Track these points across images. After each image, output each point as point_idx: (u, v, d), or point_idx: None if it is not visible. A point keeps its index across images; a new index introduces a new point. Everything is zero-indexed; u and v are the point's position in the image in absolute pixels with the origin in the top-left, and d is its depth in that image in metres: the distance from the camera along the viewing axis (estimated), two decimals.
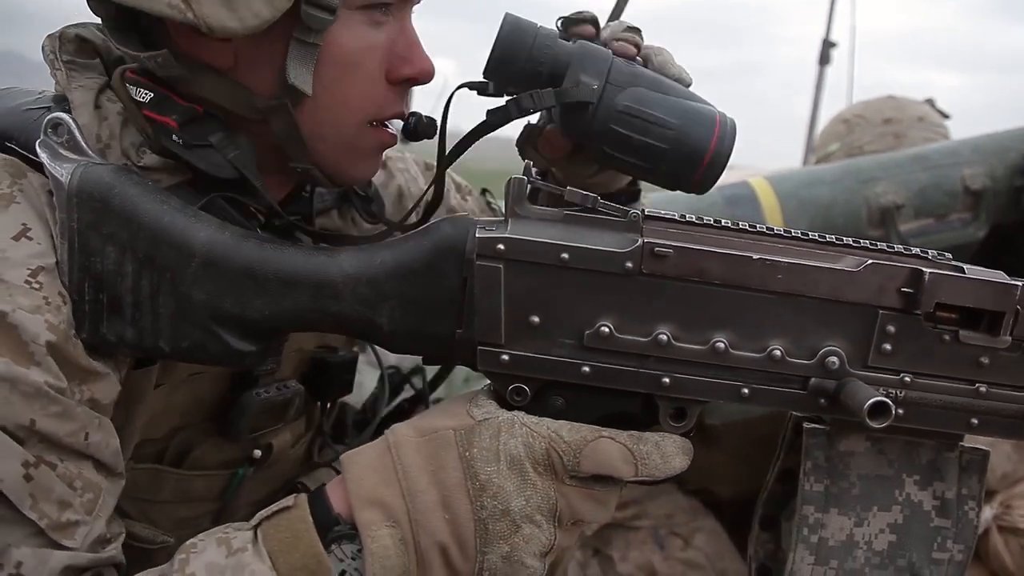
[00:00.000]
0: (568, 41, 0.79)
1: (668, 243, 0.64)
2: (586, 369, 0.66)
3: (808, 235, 0.66)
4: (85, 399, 0.66)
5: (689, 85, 0.80)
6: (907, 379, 0.66)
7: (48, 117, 0.68)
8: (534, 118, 0.85)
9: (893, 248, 0.67)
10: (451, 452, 0.63)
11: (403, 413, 1.15)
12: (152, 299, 0.66)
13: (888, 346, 0.65)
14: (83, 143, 0.69)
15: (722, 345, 0.65)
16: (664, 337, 0.65)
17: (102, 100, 0.74)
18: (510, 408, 0.66)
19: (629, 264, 0.64)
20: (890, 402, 0.60)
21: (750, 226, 0.66)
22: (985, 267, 0.68)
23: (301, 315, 0.66)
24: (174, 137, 0.72)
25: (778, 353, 0.65)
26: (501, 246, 0.64)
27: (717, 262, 0.64)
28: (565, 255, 0.64)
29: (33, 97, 0.77)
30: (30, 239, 0.66)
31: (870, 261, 0.65)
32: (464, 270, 0.65)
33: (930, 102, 2.04)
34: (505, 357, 0.66)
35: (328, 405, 1.04)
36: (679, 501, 1.78)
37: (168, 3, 0.66)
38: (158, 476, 0.85)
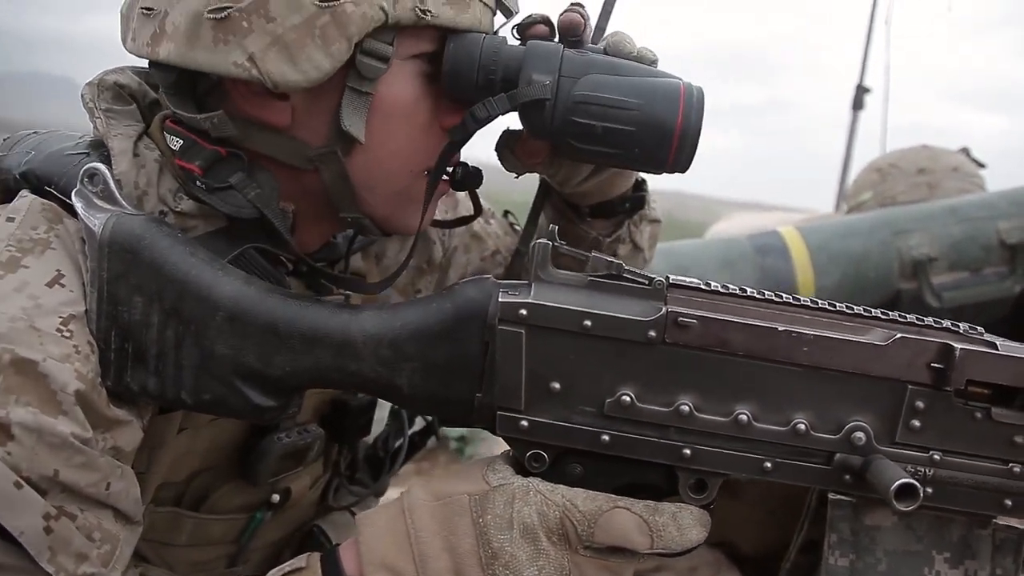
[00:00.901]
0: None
1: (692, 313, 0.63)
2: (606, 438, 0.65)
3: (835, 306, 0.66)
4: (108, 447, 0.66)
5: (655, 62, 0.78)
6: (936, 457, 0.64)
7: (85, 167, 0.70)
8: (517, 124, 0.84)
9: (923, 321, 0.66)
10: (465, 518, 0.63)
11: (413, 446, 1.15)
12: (176, 350, 0.67)
13: (917, 422, 0.64)
14: (117, 193, 0.70)
15: (745, 417, 0.64)
16: (686, 408, 0.64)
17: (140, 147, 0.75)
18: (527, 474, 0.66)
19: (652, 333, 0.63)
20: (918, 484, 0.58)
21: (776, 296, 0.65)
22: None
23: (322, 373, 0.67)
24: (198, 182, 0.74)
25: (802, 427, 0.64)
26: (523, 311, 0.64)
27: (741, 333, 0.63)
28: (588, 322, 0.63)
29: (73, 142, 0.78)
30: (63, 286, 0.67)
31: (899, 335, 0.63)
32: (486, 334, 0.65)
33: (965, 151, 2.01)
34: (524, 423, 0.65)
35: (346, 448, 1.04)
36: (703, 554, 1.74)
37: (234, 62, 0.68)
38: (177, 519, 0.85)
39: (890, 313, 0.66)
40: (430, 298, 0.67)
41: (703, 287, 0.65)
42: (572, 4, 0.77)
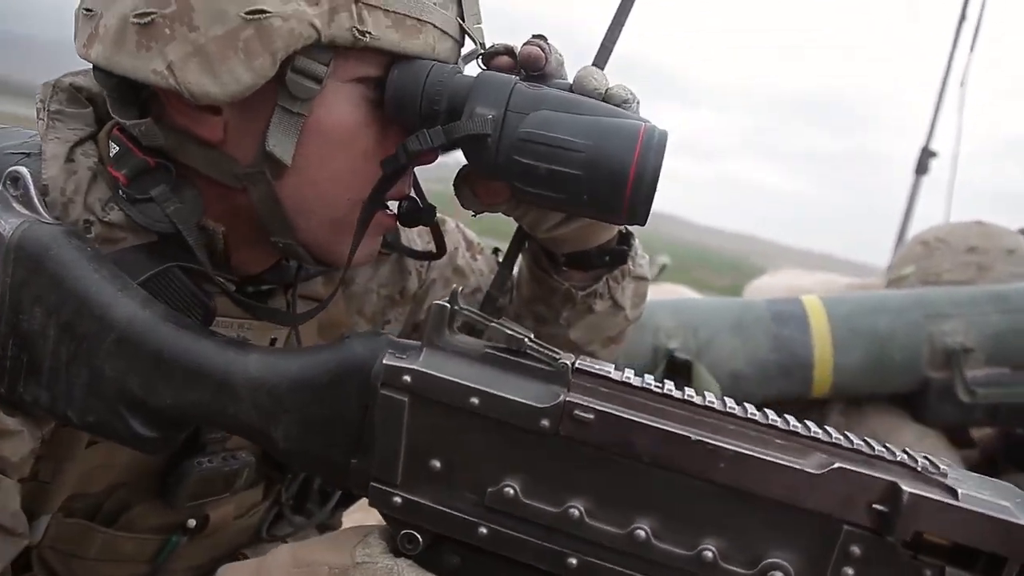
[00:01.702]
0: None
1: (592, 405, 0.55)
2: (483, 531, 0.57)
3: (769, 418, 0.56)
4: None
5: (627, 103, 0.69)
6: None
7: (8, 170, 0.68)
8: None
9: (875, 450, 0.56)
10: None
11: None
12: (68, 367, 0.63)
13: (850, 570, 0.54)
14: (36, 200, 0.68)
15: (643, 533, 0.55)
16: (576, 512, 0.55)
17: (76, 153, 0.73)
18: (398, 555, 0.59)
19: (545, 422, 0.55)
20: None
21: (699, 398, 0.56)
22: None
23: (203, 411, 0.62)
24: (120, 192, 0.71)
25: (710, 555, 0.54)
26: (408, 378, 0.57)
27: (647, 436, 0.54)
28: (475, 400, 0.56)
29: (20, 141, 0.76)
30: None
31: (838, 464, 0.54)
32: (367, 396, 0.58)
33: None
34: (398, 499, 0.58)
35: (290, 476, 0.99)
36: None
37: (153, 70, 0.65)
38: (87, 532, 0.82)
39: (835, 434, 0.56)
40: (318, 348, 0.62)
41: (612, 376, 0.56)
42: (533, 37, 0.71)
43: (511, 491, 0.56)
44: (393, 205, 0.80)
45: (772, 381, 1.51)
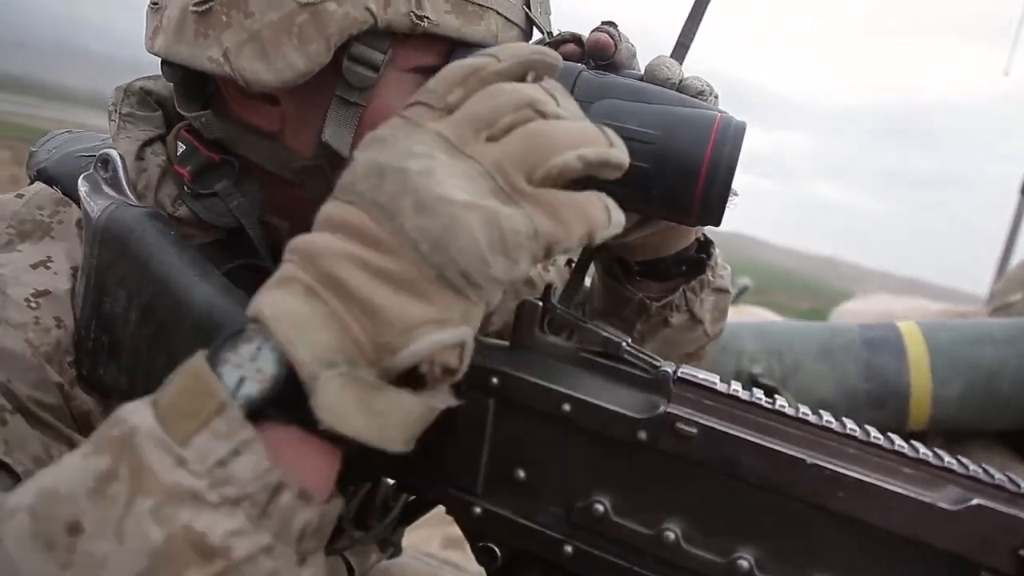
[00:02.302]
0: None
1: (696, 419, 0.50)
2: (568, 549, 0.52)
3: (895, 442, 0.50)
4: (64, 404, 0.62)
5: (702, 93, 0.64)
6: None
7: (100, 152, 0.69)
8: None
9: (1021, 487, 0.49)
10: None
11: None
12: (147, 351, 0.62)
13: None
14: (124, 183, 0.68)
15: (745, 564, 0.50)
16: (672, 535, 0.50)
17: (145, 152, 0.73)
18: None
19: (643, 435, 0.50)
20: None
21: (815, 416, 0.51)
22: None
23: None
24: (185, 188, 0.70)
25: None
26: (495, 379, 0.53)
27: (756, 457, 0.49)
28: (567, 407, 0.52)
29: (91, 143, 0.77)
30: (47, 268, 0.65)
31: (976, 501, 0.47)
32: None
33: None
34: (478, 509, 0.54)
35: (351, 487, 0.96)
36: None
37: (209, 57, 0.64)
38: None
39: (972, 466, 0.50)
40: None
41: (718, 388, 0.51)
42: (602, 23, 0.67)
43: (601, 508, 0.51)
44: None
45: (863, 411, 1.42)
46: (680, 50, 0.70)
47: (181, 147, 0.72)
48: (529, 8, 0.70)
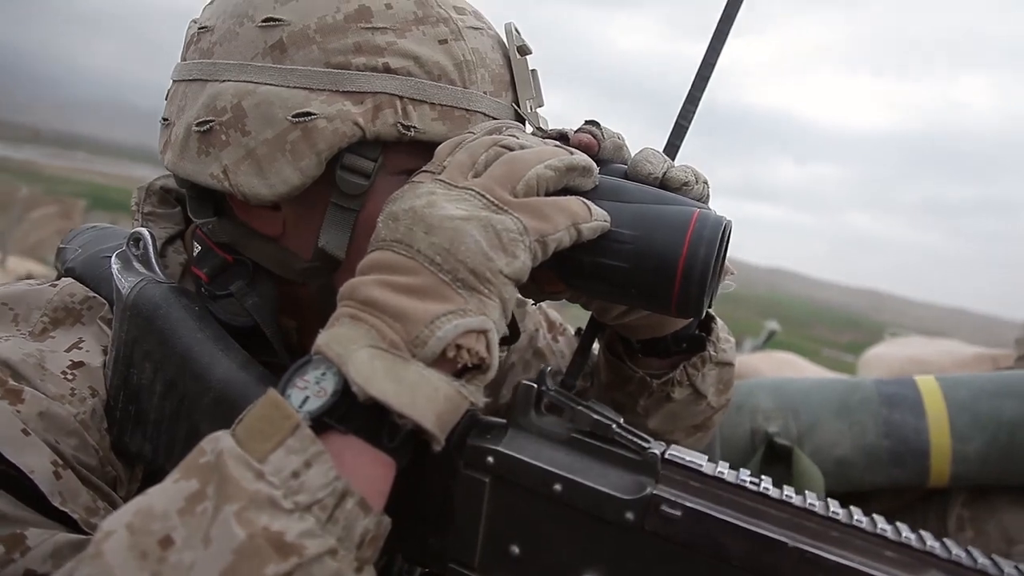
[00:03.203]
0: None
1: (681, 501, 0.52)
2: None
3: (878, 525, 0.52)
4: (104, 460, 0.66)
5: (686, 186, 0.65)
6: None
7: (132, 231, 0.73)
8: None
9: (1004, 571, 0.50)
10: None
11: None
12: (170, 421, 0.66)
13: None
14: (154, 260, 0.72)
15: None
16: None
17: (168, 250, 0.77)
18: None
19: (630, 515, 0.53)
20: None
21: (799, 498, 0.53)
22: None
23: None
24: (203, 289, 0.73)
25: None
26: (491, 459, 0.56)
27: (739, 539, 0.51)
28: (558, 486, 0.54)
29: (117, 242, 0.80)
30: (79, 348, 0.69)
31: None
32: (449, 474, 0.57)
33: None
34: None
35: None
36: None
37: (211, 174, 0.68)
38: None
39: (955, 549, 0.51)
40: None
41: (704, 470, 0.53)
42: (585, 123, 0.69)
43: None
44: None
45: (883, 469, 1.40)
46: (679, 131, 0.72)
47: (197, 247, 0.75)
48: (518, 106, 0.73)
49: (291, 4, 0.68)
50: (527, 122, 0.73)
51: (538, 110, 0.76)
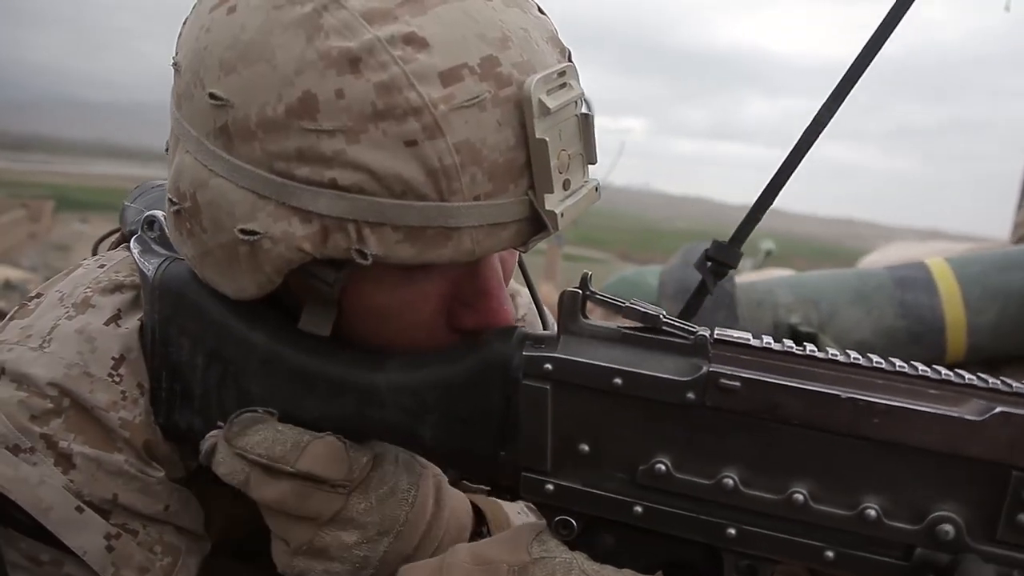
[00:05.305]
0: None
1: (737, 373, 0.55)
2: (639, 509, 0.58)
3: (918, 369, 0.55)
4: (162, 478, 0.68)
5: None
6: None
7: (145, 215, 0.74)
8: None
9: None
10: None
11: None
12: (218, 390, 0.68)
13: None
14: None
15: (801, 497, 0.55)
16: (730, 481, 0.56)
17: None
18: (574, 548, 0.60)
19: (691, 395, 0.56)
20: None
21: (844, 356, 0.56)
22: None
23: (348, 420, 0.65)
24: None
25: (873, 513, 0.54)
26: (549, 366, 0.58)
27: (796, 399, 0.54)
28: (618, 380, 0.57)
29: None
30: (118, 325, 0.69)
31: (999, 409, 0.52)
32: (509, 389, 0.60)
33: None
34: (550, 487, 0.60)
35: None
36: None
37: (186, 255, 0.66)
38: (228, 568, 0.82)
39: (990, 380, 0.54)
40: (455, 348, 0.64)
41: (753, 343, 0.57)
42: None
43: (663, 467, 0.57)
44: None
45: (902, 348, 1.45)
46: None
47: None
48: (534, 191, 0.57)
49: (233, 78, 0.56)
50: (546, 219, 0.57)
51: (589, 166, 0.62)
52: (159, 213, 0.73)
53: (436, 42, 0.54)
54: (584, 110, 0.61)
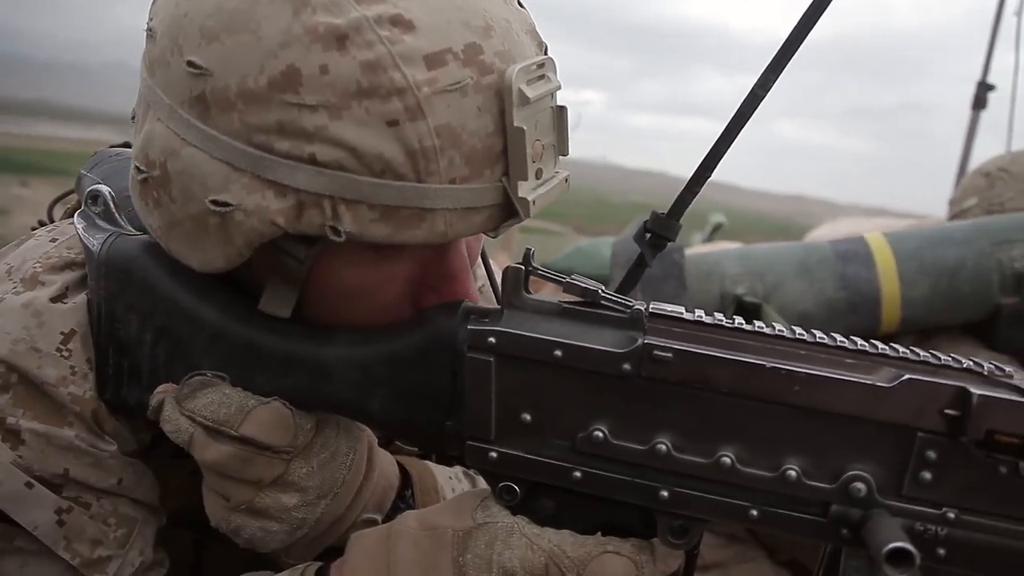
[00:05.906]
0: None
1: (670, 345, 0.58)
2: (577, 474, 0.61)
3: (836, 340, 0.59)
4: (113, 451, 0.69)
5: None
6: (951, 515, 0.57)
7: (88, 189, 0.73)
8: None
9: (940, 360, 0.58)
10: (445, 554, 0.60)
11: None
12: (167, 367, 0.68)
13: (928, 475, 0.57)
14: (117, 215, 0.72)
15: (728, 460, 0.58)
16: (663, 447, 0.59)
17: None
18: (515, 513, 0.63)
19: (627, 366, 0.59)
20: (912, 550, 0.51)
21: (769, 328, 0.60)
22: None
23: (299, 394, 0.66)
24: None
25: (793, 474, 0.58)
26: (492, 339, 0.61)
27: (724, 369, 0.58)
28: (558, 352, 0.60)
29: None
30: (65, 302, 0.69)
31: (907, 376, 0.56)
32: (455, 362, 0.62)
33: None
34: (493, 454, 0.63)
35: None
36: (765, 571, 1.65)
37: (150, 225, 0.65)
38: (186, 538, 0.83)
39: (901, 349, 0.59)
40: (401, 323, 0.66)
41: (685, 317, 0.60)
42: None
43: (600, 434, 0.60)
44: None
45: (840, 319, 1.52)
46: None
47: None
48: (508, 178, 0.59)
49: (215, 46, 0.56)
50: (518, 206, 0.60)
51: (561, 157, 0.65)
52: (103, 188, 0.73)
53: (422, 25, 0.55)
54: (559, 103, 0.63)
